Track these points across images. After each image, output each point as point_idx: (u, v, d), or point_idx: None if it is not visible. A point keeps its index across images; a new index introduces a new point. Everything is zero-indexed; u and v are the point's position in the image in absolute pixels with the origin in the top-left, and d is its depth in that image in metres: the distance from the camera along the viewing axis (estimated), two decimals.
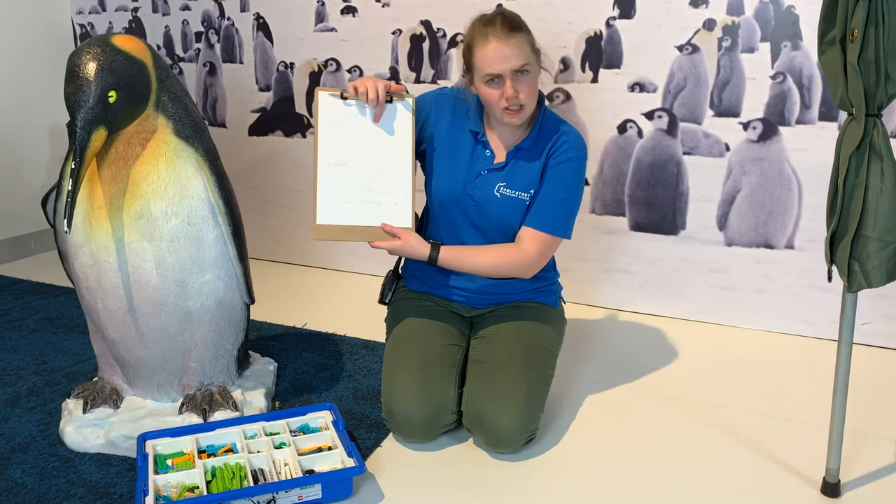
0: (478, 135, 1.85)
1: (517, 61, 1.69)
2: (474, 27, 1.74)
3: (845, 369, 1.55)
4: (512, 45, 1.68)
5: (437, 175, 1.89)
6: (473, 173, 1.85)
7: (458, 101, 1.90)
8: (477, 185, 1.85)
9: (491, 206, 1.84)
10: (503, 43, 1.68)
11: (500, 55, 1.68)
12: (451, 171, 1.87)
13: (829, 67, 1.45)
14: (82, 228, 1.75)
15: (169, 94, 1.78)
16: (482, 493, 1.65)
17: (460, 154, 1.87)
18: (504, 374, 1.78)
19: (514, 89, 1.70)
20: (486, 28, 1.71)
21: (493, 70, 1.69)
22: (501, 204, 1.84)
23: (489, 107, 1.78)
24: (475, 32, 1.73)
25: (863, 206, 1.44)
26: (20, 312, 2.73)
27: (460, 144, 1.87)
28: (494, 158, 1.85)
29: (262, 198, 3.29)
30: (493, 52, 1.69)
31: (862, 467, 1.74)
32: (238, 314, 1.92)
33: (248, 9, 3.12)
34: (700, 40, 2.44)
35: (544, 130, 1.84)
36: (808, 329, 2.50)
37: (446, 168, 1.87)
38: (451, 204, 1.88)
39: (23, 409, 2.03)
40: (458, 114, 1.89)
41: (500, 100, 1.72)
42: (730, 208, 2.52)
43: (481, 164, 1.85)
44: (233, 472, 1.61)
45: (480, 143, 1.86)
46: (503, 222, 1.86)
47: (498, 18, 1.72)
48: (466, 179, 1.85)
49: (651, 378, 2.19)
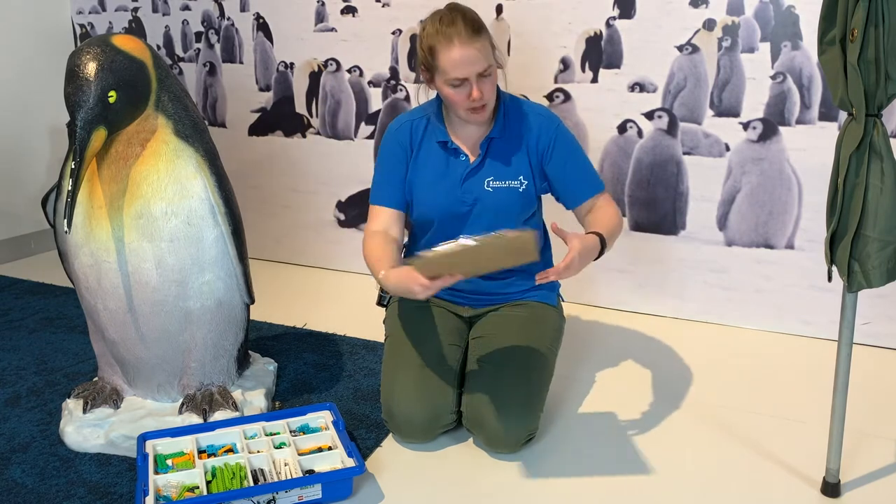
0: (447, 143, 1.84)
1: (481, 64, 1.68)
2: (435, 28, 1.69)
3: (845, 369, 1.55)
4: (476, 48, 1.66)
5: (423, 197, 1.87)
6: (457, 181, 1.85)
7: (414, 123, 1.87)
8: (466, 190, 1.84)
9: (486, 202, 1.85)
10: (468, 47, 1.65)
11: (466, 60, 1.66)
12: (436, 187, 1.86)
13: (829, 67, 1.45)
14: (82, 228, 1.75)
15: (169, 94, 1.78)
16: (482, 493, 1.65)
17: (436, 169, 1.86)
18: (503, 375, 1.78)
19: (480, 91, 1.70)
20: (449, 30, 1.66)
21: (460, 75, 1.67)
22: (496, 197, 1.84)
23: (453, 107, 1.77)
24: (437, 34, 1.68)
25: (863, 206, 1.44)
26: (20, 312, 2.73)
27: (432, 160, 1.86)
28: (470, 159, 1.84)
29: (262, 198, 3.29)
30: (459, 57, 1.66)
31: (862, 467, 1.74)
32: (238, 314, 1.92)
33: (248, 9, 3.12)
34: (700, 40, 2.44)
35: (509, 115, 1.85)
36: (808, 329, 2.50)
37: (431, 186, 1.86)
38: (449, 214, 1.87)
39: (23, 409, 2.03)
40: (418, 134, 1.87)
41: (465, 100, 1.72)
42: (730, 208, 2.52)
43: (460, 171, 1.84)
44: (233, 472, 1.61)
45: (451, 151, 1.85)
46: (503, 212, 1.85)
47: (459, 19, 1.67)
48: (452, 188, 1.85)
49: (651, 378, 2.19)
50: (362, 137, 3.03)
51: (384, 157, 1.90)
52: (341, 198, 3.13)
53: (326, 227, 3.20)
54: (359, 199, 3.10)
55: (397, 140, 1.88)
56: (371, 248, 1.80)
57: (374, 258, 1.77)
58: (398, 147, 1.88)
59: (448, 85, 1.71)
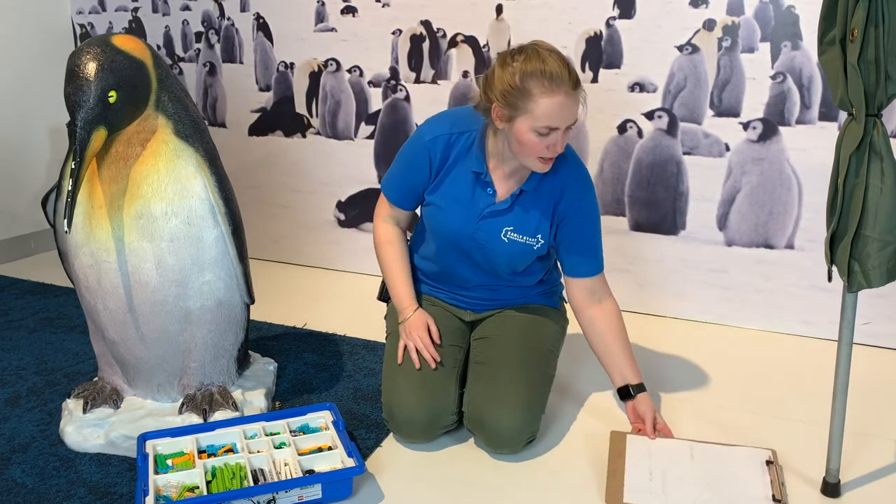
0: (480, 175, 1.76)
1: (575, 116, 1.62)
2: (537, 68, 1.57)
3: (845, 369, 1.55)
4: (575, 101, 1.60)
5: (441, 214, 1.82)
6: (475, 213, 1.78)
7: (453, 138, 1.78)
8: (481, 228, 1.79)
9: (498, 251, 1.80)
10: (572, 99, 1.59)
11: (568, 113, 1.59)
12: (455, 212, 1.80)
13: (829, 67, 1.44)
14: (82, 228, 1.75)
15: (169, 94, 1.78)
16: (482, 494, 1.65)
17: (462, 194, 1.79)
18: (505, 375, 1.78)
19: (562, 143, 1.63)
20: (556, 82, 1.57)
21: (556, 124, 1.59)
22: (510, 249, 1.80)
23: (524, 152, 1.65)
24: (540, 76, 1.57)
25: (863, 206, 1.44)
26: (20, 312, 2.73)
27: (461, 183, 1.79)
28: (496, 197, 1.77)
29: (262, 198, 3.29)
30: (560, 108, 1.57)
31: (862, 467, 1.74)
32: (238, 314, 1.92)
33: (248, 9, 3.12)
34: (700, 40, 2.44)
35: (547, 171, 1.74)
36: (808, 329, 2.50)
37: (450, 208, 1.80)
38: (453, 244, 1.84)
39: (23, 409, 2.03)
40: (454, 153, 1.78)
41: (543, 150, 1.62)
42: (730, 208, 2.52)
43: (483, 203, 1.78)
44: (233, 472, 1.61)
45: (481, 182, 1.77)
46: (508, 264, 1.84)
47: (566, 67, 1.59)
48: (468, 220, 1.79)
49: (651, 378, 2.19)
50: (362, 137, 3.03)
51: (408, 158, 1.83)
52: (341, 198, 3.13)
53: (326, 227, 3.20)
54: (359, 199, 3.10)
55: (428, 151, 1.79)
56: (390, 259, 1.92)
57: (396, 277, 1.91)
58: (425, 159, 1.79)
59: (533, 131, 1.60)
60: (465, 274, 1.90)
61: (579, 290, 1.85)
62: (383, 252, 1.93)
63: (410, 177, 1.84)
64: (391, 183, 1.89)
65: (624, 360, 1.85)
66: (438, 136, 1.78)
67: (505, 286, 1.93)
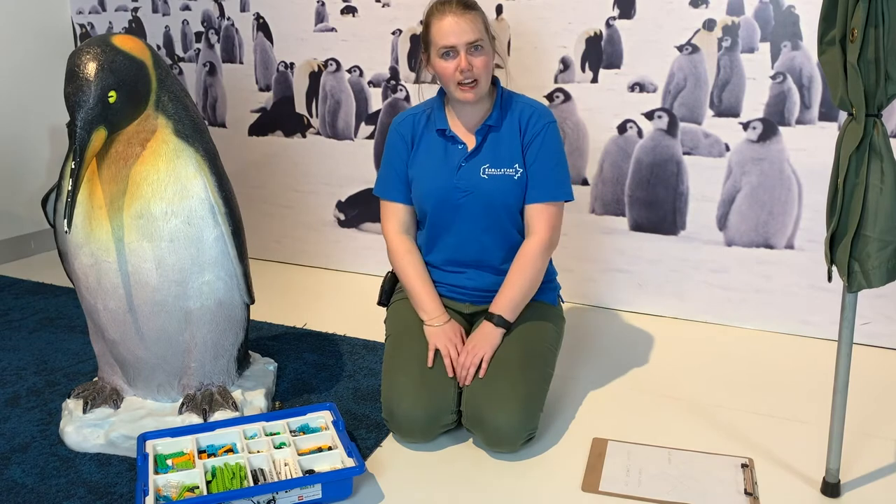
0: (445, 131, 1.89)
1: (471, 35, 1.76)
2: (431, 7, 1.82)
3: (845, 369, 1.55)
4: (467, 19, 1.76)
5: (421, 181, 1.91)
6: (453, 167, 1.88)
7: (417, 116, 1.95)
8: (461, 176, 1.88)
9: (482, 188, 1.87)
10: (459, 17, 1.76)
11: (456, 28, 1.76)
12: (433, 174, 1.90)
13: (829, 67, 1.45)
14: (82, 228, 1.75)
15: (169, 94, 1.78)
16: (482, 493, 1.65)
17: (435, 156, 1.91)
18: (503, 374, 1.78)
19: (468, 62, 1.76)
20: (443, 6, 1.79)
21: (449, 42, 1.76)
22: (491, 184, 1.87)
23: (444, 83, 1.82)
24: (432, 10, 1.81)
25: (863, 206, 1.44)
26: (20, 312, 2.73)
27: (431, 149, 1.92)
28: (467, 147, 1.89)
29: (262, 198, 3.29)
30: (449, 26, 1.76)
31: (862, 467, 1.74)
32: (238, 314, 1.92)
33: (248, 9, 3.12)
34: (700, 40, 2.44)
35: (506, 106, 1.90)
36: (808, 329, 2.50)
37: (428, 173, 1.91)
38: (443, 203, 1.89)
39: (23, 409, 2.03)
40: (420, 126, 1.94)
41: (454, 73, 1.78)
42: (730, 208, 2.52)
43: (457, 158, 1.89)
44: (233, 472, 1.61)
45: (449, 139, 1.89)
46: (497, 201, 1.87)
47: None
48: (448, 174, 1.88)
49: (651, 378, 2.19)
50: (362, 137, 3.03)
51: (388, 150, 1.97)
52: (341, 198, 3.13)
53: (326, 227, 3.20)
54: (359, 199, 3.10)
55: (399, 133, 1.95)
56: (411, 270, 1.93)
57: (420, 287, 1.92)
58: (400, 140, 1.94)
59: (439, 56, 1.79)
60: (467, 237, 1.91)
61: (526, 217, 1.91)
62: (404, 264, 1.95)
63: (396, 164, 1.95)
64: (386, 183, 1.97)
65: (505, 292, 1.88)
66: (404, 118, 1.96)
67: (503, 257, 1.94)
